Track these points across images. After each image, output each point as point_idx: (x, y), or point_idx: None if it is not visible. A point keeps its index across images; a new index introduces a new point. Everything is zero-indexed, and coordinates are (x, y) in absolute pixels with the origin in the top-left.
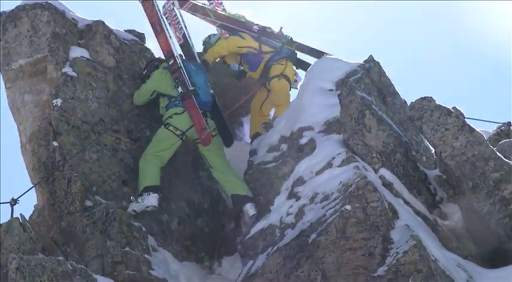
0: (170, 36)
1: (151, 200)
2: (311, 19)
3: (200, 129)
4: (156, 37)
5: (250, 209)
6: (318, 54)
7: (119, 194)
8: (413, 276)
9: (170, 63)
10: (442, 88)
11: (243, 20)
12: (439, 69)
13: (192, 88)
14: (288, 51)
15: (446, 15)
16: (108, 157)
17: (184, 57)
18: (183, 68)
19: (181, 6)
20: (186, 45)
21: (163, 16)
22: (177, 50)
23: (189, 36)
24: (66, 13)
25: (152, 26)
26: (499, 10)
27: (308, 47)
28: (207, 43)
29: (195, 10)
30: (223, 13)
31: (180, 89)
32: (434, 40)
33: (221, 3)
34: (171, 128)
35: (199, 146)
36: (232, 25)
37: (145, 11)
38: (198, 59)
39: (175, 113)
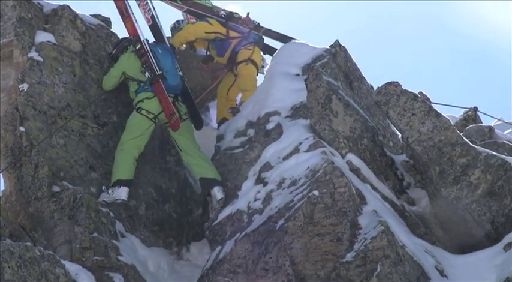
0: (136, 21)
1: (120, 193)
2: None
3: (169, 114)
4: (123, 21)
5: (218, 192)
6: (285, 39)
7: (87, 179)
8: (381, 262)
9: (137, 47)
10: (409, 73)
11: (209, 5)
12: (406, 55)
13: (159, 72)
14: (255, 36)
15: None
16: (75, 142)
17: (154, 39)
18: (150, 52)
19: None
20: (155, 26)
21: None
22: (143, 35)
23: (158, 17)
24: None
25: (118, 9)
26: None
27: (275, 32)
28: (177, 28)
29: None
30: None
31: (147, 74)
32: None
33: None
34: (143, 111)
35: (169, 130)
36: (199, 10)
37: None
38: (166, 41)
39: (147, 98)
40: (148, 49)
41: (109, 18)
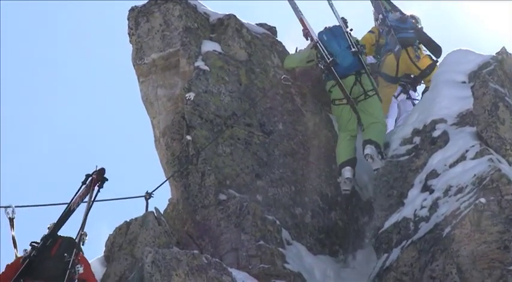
0: (303, 18)
1: (345, 173)
2: None
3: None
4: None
5: (366, 149)
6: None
7: (253, 187)
8: None
9: (310, 41)
10: None
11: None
12: None
13: (330, 59)
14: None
15: None
16: (241, 151)
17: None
18: (319, 42)
19: None
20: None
21: None
22: (312, 29)
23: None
24: (197, 7)
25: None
26: None
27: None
28: None
29: None
30: None
31: (320, 65)
32: None
33: None
34: (336, 102)
35: (356, 105)
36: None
37: None
38: (341, 23)
39: (332, 86)
40: (317, 40)
41: (275, 27)
